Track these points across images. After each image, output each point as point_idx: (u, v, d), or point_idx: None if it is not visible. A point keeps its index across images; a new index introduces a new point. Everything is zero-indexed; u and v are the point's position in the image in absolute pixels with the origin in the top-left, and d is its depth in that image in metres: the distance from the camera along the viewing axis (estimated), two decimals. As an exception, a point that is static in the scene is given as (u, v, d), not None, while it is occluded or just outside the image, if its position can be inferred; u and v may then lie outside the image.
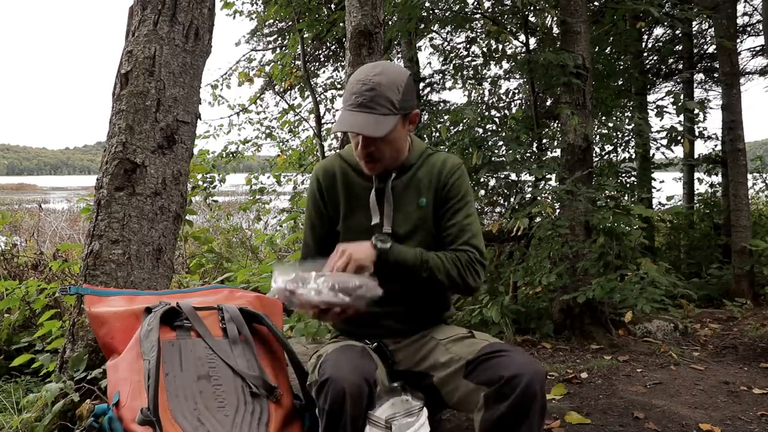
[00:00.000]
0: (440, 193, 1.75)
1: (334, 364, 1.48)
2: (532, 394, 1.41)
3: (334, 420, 1.40)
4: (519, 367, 1.44)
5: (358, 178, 1.78)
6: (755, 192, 8.69)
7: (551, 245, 4.27)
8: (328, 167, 1.83)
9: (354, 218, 1.77)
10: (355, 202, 1.77)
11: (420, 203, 1.75)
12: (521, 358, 1.49)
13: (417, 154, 1.79)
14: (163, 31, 2.32)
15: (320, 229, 1.85)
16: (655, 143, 6.51)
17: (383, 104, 1.60)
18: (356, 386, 1.41)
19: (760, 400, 2.94)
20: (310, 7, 6.55)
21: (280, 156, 8.34)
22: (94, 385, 2.03)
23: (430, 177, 1.76)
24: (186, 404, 1.46)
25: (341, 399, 1.39)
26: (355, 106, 1.60)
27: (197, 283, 4.03)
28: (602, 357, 3.71)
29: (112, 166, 2.25)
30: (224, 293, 1.85)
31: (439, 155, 1.81)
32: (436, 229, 1.76)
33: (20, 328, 3.36)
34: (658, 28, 7.57)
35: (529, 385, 1.40)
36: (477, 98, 6.13)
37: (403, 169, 1.76)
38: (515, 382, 1.41)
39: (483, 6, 5.95)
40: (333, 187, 1.81)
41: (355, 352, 1.57)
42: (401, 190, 1.75)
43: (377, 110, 1.59)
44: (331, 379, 1.42)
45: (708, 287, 5.85)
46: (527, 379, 1.40)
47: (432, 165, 1.78)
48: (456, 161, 1.80)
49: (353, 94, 1.61)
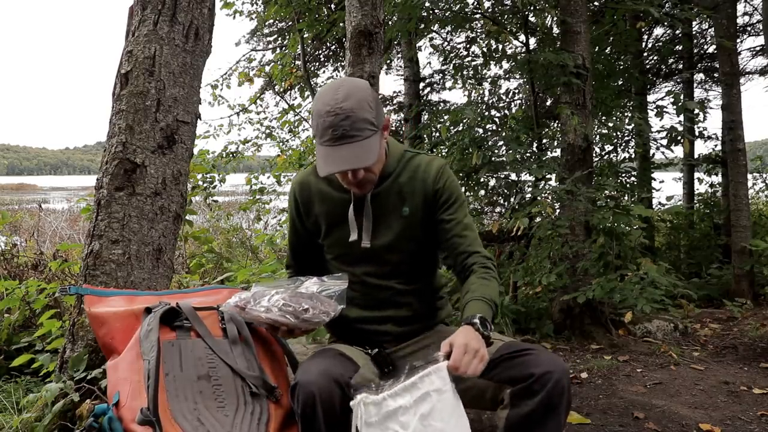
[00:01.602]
0: (431, 200, 1.70)
1: (304, 369, 1.50)
2: (561, 390, 1.42)
3: (308, 424, 1.42)
4: (548, 364, 1.44)
5: (335, 191, 1.73)
6: (755, 192, 8.68)
7: (551, 245, 4.27)
8: (303, 183, 1.79)
9: (335, 233, 1.74)
10: (334, 217, 1.74)
11: (403, 212, 1.70)
12: (548, 356, 1.50)
13: (395, 160, 1.72)
14: (163, 31, 2.32)
15: (298, 241, 1.86)
16: (655, 143, 6.51)
17: (363, 128, 1.53)
18: (325, 389, 1.41)
19: (760, 400, 2.94)
20: (310, 7, 6.55)
21: (280, 156, 8.33)
22: (94, 385, 2.03)
23: (414, 184, 1.70)
24: (186, 404, 1.46)
25: (312, 402, 1.40)
26: (336, 140, 1.52)
27: (197, 283, 4.02)
28: (602, 357, 3.71)
29: (112, 166, 2.25)
30: (224, 293, 1.84)
31: (420, 159, 1.74)
32: (424, 236, 1.72)
33: (20, 328, 3.35)
34: (658, 28, 7.58)
35: (558, 381, 1.42)
36: (477, 98, 6.13)
37: (382, 178, 1.69)
38: (545, 379, 1.42)
39: (483, 6, 5.95)
40: (310, 202, 1.78)
41: (328, 356, 1.57)
42: (382, 200, 1.70)
43: (360, 136, 1.52)
44: (300, 384, 1.44)
45: (708, 287, 5.85)
46: (557, 376, 1.42)
47: (414, 170, 1.71)
48: (439, 163, 1.73)
49: (329, 128, 1.52)
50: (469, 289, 1.60)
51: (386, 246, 1.70)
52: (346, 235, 1.71)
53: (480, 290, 1.58)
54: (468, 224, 1.71)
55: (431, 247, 1.76)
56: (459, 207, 1.71)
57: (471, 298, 1.56)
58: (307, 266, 1.85)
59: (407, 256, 1.72)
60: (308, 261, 1.86)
